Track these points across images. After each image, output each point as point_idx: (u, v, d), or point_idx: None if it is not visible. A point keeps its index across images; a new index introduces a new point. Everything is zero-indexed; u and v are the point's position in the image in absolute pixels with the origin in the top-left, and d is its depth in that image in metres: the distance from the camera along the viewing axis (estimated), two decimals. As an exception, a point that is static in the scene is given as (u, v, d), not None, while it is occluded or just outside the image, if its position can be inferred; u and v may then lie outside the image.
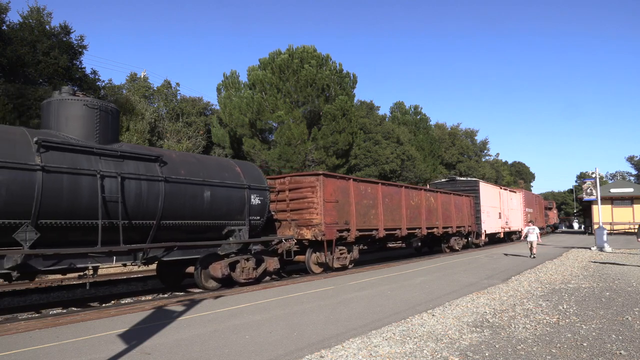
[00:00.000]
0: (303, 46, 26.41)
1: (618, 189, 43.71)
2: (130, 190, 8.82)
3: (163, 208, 9.35)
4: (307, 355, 5.27)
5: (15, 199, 7.23)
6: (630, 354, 5.27)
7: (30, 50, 21.22)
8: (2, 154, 7.16)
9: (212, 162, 11.28)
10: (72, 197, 7.93)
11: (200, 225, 10.30)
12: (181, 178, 9.80)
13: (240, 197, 11.15)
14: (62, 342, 5.92)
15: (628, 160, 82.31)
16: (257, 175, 12.06)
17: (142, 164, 9.22)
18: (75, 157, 8.16)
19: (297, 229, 13.35)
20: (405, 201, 17.70)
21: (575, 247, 25.64)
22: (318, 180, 13.25)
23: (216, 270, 10.55)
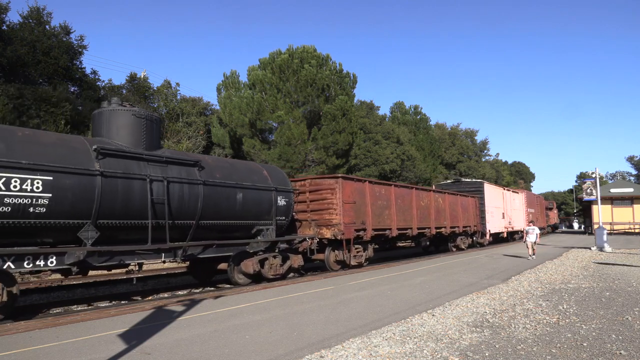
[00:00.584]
0: (303, 46, 26.41)
1: (618, 189, 43.71)
2: (174, 192, 9.66)
3: (202, 209, 10.15)
4: (307, 355, 5.27)
5: (79, 201, 8.04)
6: (630, 354, 5.27)
7: (30, 50, 21.23)
8: (68, 161, 7.99)
9: (242, 166, 12.12)
10: (126, 199, 8.74)
11: (233, 225, 11.09)
12: (217, 181, 10.61)
13: (268, 198, 11.94)
14: (62, 342, 5.92)
15: (628, 160, 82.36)
16: (283, 178, 12.91)
17: (183, 168, 10.06)
18: (127, 163, 8.99)
19: (317, 228, 14.10)
20: (416, 202, 18.61)
21: (575, 247, 25.64)
22: (337, 182, 14.07)
23: (248, 266, 11.35)
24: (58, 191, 7.77)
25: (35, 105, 19.10)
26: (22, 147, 7.61)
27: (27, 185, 7.42)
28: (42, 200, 7.59)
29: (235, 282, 11.59)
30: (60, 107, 19.83)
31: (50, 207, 7.67)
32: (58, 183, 7.78)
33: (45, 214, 7.65)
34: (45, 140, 8.08)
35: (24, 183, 7.38)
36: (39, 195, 7.55)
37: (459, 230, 22.67)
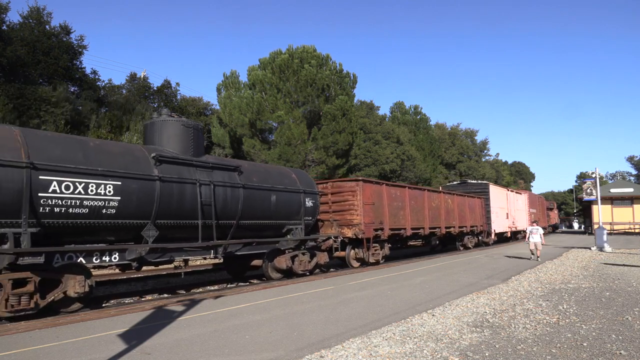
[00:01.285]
0: (303, 46, 26.40)
1: (618, 189, 43.70)
2: (219, 195, 10.55)
3: (241, 210, 11.08)
4: (307, 355, 5.27)
5: (142, 203, 8.98)
6: (630, 354, 5.27)
7: (30, 50, 21.23)
8: (133, 167, 8.93)
9: (274, 170, 13.16)
10: (179, 201, 9.68)
11: (267, 224, 12.03)
12: (255, 185, 11.53)
13: (297, 200, 12.89)
14: (62, 342, 5.92)
15: (628, 160, 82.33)
16: (309, 181, 13.92)
17: (226, 173, 10.97)
18: (180, 168, 9.92)
19: (339, 228, 14.99)
20: (428, 203, 19.60)
21: (575, 247, 25.64)
22: (358, 185, 15.07)
23: (281, 262, 12.27)
24: (125, 195, 8.71)
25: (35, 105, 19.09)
26: (95, 156, 8.55)
27: (101, 190, 8.39)
28: (112, 203, 8.54)
29: (269, 276, 12.45)
30: (60, 107, 19.82)
31: (119, 208, 8.61)
32: (125, 187, 8.73)
33: (115, 214, 8.59)
34: (112, 150, 9.07)
35: (98, 187, 8.34)
36: (110, 198, 8.51)
37: (466, 230, 23.61)
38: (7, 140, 7.50)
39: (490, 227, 27.16)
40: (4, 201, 7.17)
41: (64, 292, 7.90)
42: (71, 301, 8.14)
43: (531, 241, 17.99)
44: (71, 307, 8.19)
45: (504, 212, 30.10)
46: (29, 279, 7.38)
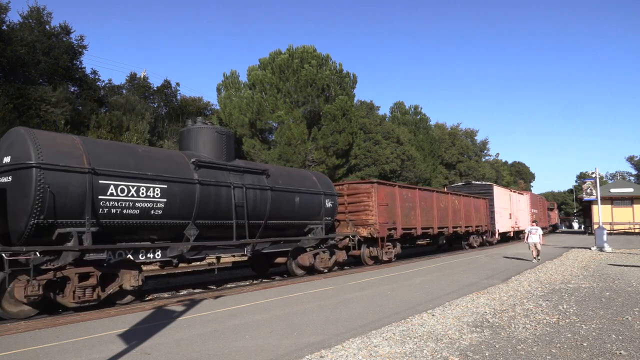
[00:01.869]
0: (303, 46, 26.39)
1: (618, 189, 43.69)
2: (249, 197, 11.30)
3: (269, 211, 11.83)
4: (307, 355, 5.26)
5: (185, 204, 9.74)
6: (630, 354, 5.27)
7: (30, 50, 21.22)
8: (176, 172, 9.68)
9: (297, 173, 14.01)
10: (216, 202, 10.41)
11: (291, 224, 12.80)
12: (281, 187, 12.29)
13: (318, 201, 13.66)
14: (62, 342, 5.92)
15: (628, 160, 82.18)
16: (329, 184, 14.70)
17: (255, 176, 11.72)
18: (216, 172, 10.69)
19: (355, 227, 15.79)
20: (436, 204, 20.50)
21: (575, 247, 25.63)
22: (373, 187, 15.94)
23: (305, 260, 13.06)
24: (170, 197, 9.47)
25: (35, 105, 19.09)
26: (144, 161, 9.30)
27: (150, 192, 9.12)
28: (159, 204, 9.28)
29: (293, 273, 13.25)
30: (60, 107, 19.82)
31: (164, 209, 9.36)
32: (170, 190, 9.48)
33: (161, 215, 9.33)
34: (157, 155, 9.92)
35: (148, 190, 9.07)
36: (158, 200, 9.24)
37: (472, 230, 24.60)
38: (71, 148, 8.27)
39: (494, 227, 28.03)
40: (70, 203, 7.95)
41: (120, 285, 8.66)
42: (125, 294, 8.92)
43: (530, 242, 17.37)
44: (125, 299, 8.94)
45: (507, 212, 30.94)
46: (91, 273, 8.16)
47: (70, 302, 7.88)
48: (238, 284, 12.56)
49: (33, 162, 7.63)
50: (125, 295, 8.93)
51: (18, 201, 7.70)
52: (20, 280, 7.44)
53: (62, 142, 8.37)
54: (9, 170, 7.89)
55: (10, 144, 8.19)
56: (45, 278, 7.60)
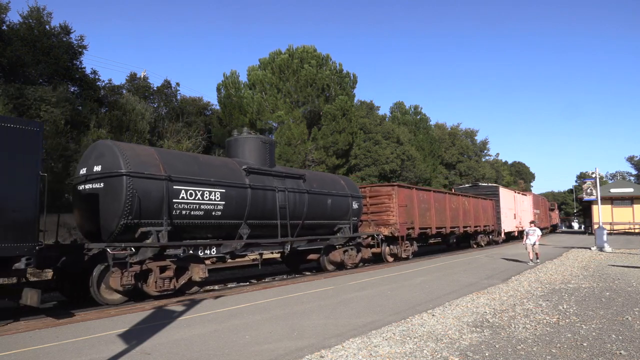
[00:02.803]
0: (303, 46, 26.41)
1: (618, 189, 43.68)
2: (290, 199, 12.48)
3: (306, 212, 13.08)
4: (307, 355, 5.26)
5: (239, 206, 10.97)
6: (630, 354, 5.27)
7: (30, 50, 21.22)
8: (231, 177, 10.94)
9: (327, 177, 15.35)
10: (263, 204, 11.65)
11: (323, 224, 14.05)
12: (316, 190, 13.58)
13: (347, 203, 14.90)
14: (62, 342, 5.92)
15: (628, 160, 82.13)
16: (355, 187, 16.04)
17: (294, 180, 13.00)
18: (262, 177, 11.94)
19: (376, 227, 16.93)
20: (448, 204, 21.85)
21: (575, 247, 25.63)
22: (394, 189, 17.28)
23: (336, 256, 14.43)
24: (228, 199, 10.66)
25: (35, 105, 19.08)
26: (206, 169, 10.53)
27: (212, 196, 10.33)
28: (219, 206, 10.49)
29: (325, 268, 14.56)
30: (60, 107, 19.81)
31: (223, 211, 10.55)
32: (228, 194, 10.69)
33: (220, 216, 10.52)
34: (215, 163, 11.20)
35: (210, 194, 10.30)
36: (218, 202, 10.45)
37: (480, 229, 25.95)
38: (150, 159, 9.53)
39: (500, 227, 29.28)
40: (152, 206, 9.20)
41: (189, 277, 9.82)
42: (192, 285, 10.02)
43: (528, 243, 16.59)
44: (192, 290, 10.09)
45: (511, 212, 32.13)
46: (168, 267, 9.32)
47: (153, 291, 9.09)
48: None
49: (123, 170, 8.86)
50: (192, 286, 10.08)
51: (110, 204, 8.90)
52: (115, 272, 8.48)
53: (143, 153, 9.70)
54: (101, 177, 9.11)
55: (99, 154, 9.42)
56: (134, 270, 8.68)
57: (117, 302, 8.77)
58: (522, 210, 34.91)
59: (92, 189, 9.30)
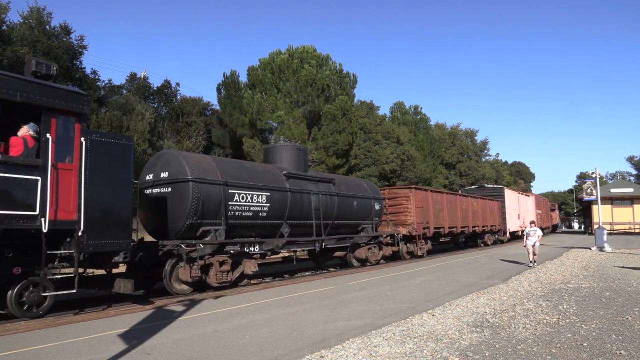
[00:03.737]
0: (303, 46, 26.40)
1: (618, 189, 43.67)
2: (322, 201, 13.73)
3: (336, 213, 14.32)
4: (307, 355, 5.26)
5: (280, 208, 12.17)
6: (630, 354, 5.27)
7: (30, 50, 21.21)
8: (274, 182, 12.17)
9: (352, 181, 16.77)
10: (300, 206, 12.86)
11: (349, 224, 15.26)
12: (344, 193, 14.83)
13: (370, 205, 16.10)
14: (62, 342, 5.92)
15: (628, 160, 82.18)
16: (376, 189, 17.40)
17: (325, 184, 14.23)
18: (299, 182, 13.19)
19: (394, 227, 18.13)
20: (459, 205, 23.24)
21: (575, 247, 25.63)
22: (411, 192, 18.61)
23: (361, 253, 15.64)
24: (272, 202, 11.84)
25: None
26: (253, 174, 11.82)
27: (259, 199, 11.54)
28: (265, 208, 11.68)
29: (351, 264, 15.86)
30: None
31: (268, 212, 11.76)
32: (272, 196, 11.88)
33: (265, 216, 11.73)
34: (259, 169, 12.46)
35: (258, 197, 11.51)
36: (264, 204, 11.65)
37: (487, 229, 27.34)
38: (209, 166, 10.73)
39: (505, 227, 30.65)
40: (212, 208, 10.37)
41: (242, 271, 10.98)
42: (243, 278, 11.19)
43: (528, 244, 15.98)
44: (243, 282, 11.23)
45: (515, 213, 33.45)
46: (226, 261, 10.45)
47: (214, 282, 10.20)
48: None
49: (189, 177, 10.03)
50: (244, 279, 11.26)
51: (177, 206, 10.06)
52: (182, 266, 9.66)
53: (203, 161, 10.93)
54: (169, 183, 10.24)
55: (165, 162, 10.60)
56: (200, 264, 9.82)
57: (184, 291, 9.93)
58: (525, 211, 36.06)
59: (159, 192, 10.45)
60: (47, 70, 7.72)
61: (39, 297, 7.38)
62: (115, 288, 8.39)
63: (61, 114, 7.57)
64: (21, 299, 7.21)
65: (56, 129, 7.50)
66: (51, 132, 7.36)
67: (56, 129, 7.50)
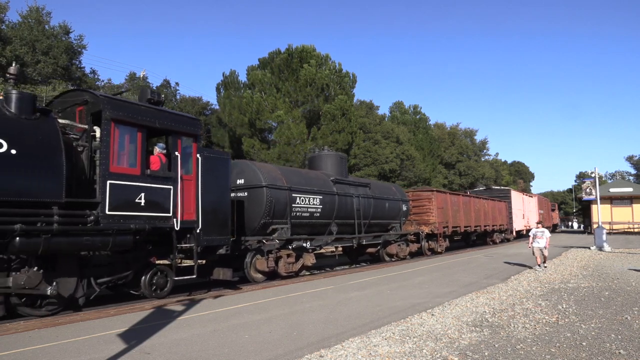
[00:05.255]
0: (302, 46, 26.38)
1: (617, 189, 43.70)
2: (361, 203, 15.60)
3: (372, 213, 16.19)
4: (307, 354, 5.26)
5: (329, 209, 14.05)
6: (629, 353, 5.28)
7: (29, 50, 21.20)
8: (324, 186, 14.08)
9: (382, 185, 18.89)
10: (345, 207, 14.73)
11: (381, 223, 17.15)
12: (378, 195, 16.75)
13: (398, 206, 18.15)
14: (61, 342, 5.91)
15: (627, 160, 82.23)
16: (403, 192, 19.42)
17: (363, 188, 16.16)
18: (344, 186, 15.09)
19: (417, 226, 19.93)
20: (473, 206, 25.36)
21: (575, 246, 25.65)
22: (433, 194, 20.61)
23: (392, 249, 17.70)
24: (324, 204, 13.81)
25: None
26: (308, 180, 13.69)
27: (314, 201, 13.48)
28: (318, 209, 13.63)
29: (383, 259, 17.66)
30: (60, 106, 19.80)
31: (321, 213, 13.70)
32: (324, 199, 13.84)
33: (319, 217, 13.66)
34: (312, 175, 14.29)
35: (313, 200, 13.45)
36: (318, 206, 13.61)
37: (496, 228, 29.47)
38: (276, 174, 12.68)
39: (512, 226, 32.67)
40: (280, 209, 12.24)
41: (302, 263, 13.00)
42: (301, 269, 13.13)
43: (535, 247, 14.46)
44: (302, 273, 13.24)
45: (520, 213, 35.48)
46: (291, 254, 12.48)
47: (283, 272, 12.22)
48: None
49: (264, 183, 11.90)
50: (302, 270, 13.23)
51: (254, 208, 11.94)
52: (259, 258, 11.69)
53: (272, 169, 12.90)
54: (246, 188, 12.15)
55: (240, 170, 12.42)
56: (273, 256, 11.81)
57: (260, 280, 11.84)
58: (529, 211, 38.15)
59: (237, 196, 12.03)
60: (158, 98, 9.50)
61: (164, 281, 9.33)
62: (215, 275, 10.73)
63: (184, 136, 9.49)
64: (151, 281, 9.09)
65: (181, 148, 9.38)
66: (178, 150, 9.30)
67: (181, 147, 9.38)
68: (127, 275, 8.72)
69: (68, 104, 9.01)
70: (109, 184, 7.98)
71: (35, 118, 7.44)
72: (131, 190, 8.33)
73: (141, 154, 8.62)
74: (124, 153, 8.47)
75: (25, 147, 7.09)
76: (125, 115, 8.41)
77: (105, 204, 7.89)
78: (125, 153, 8.49)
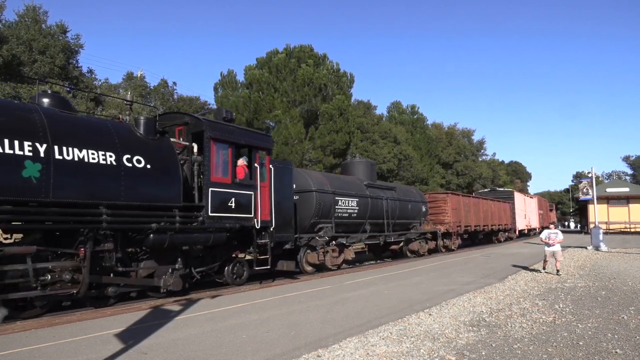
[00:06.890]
0: (300, 45, 26.40)
1: (614, 189, 43.84)
2: (389, 205, 17.37)
3: (397, 214, 17.95)
4: (305, 354, 5.26)
5: (363, 210, 15.79)
6: (626, 352, 5.29)
7: (26, 49, 21.13)
8: (359, 190, 15.92)
9: (404, 188, 20.91)
10: (376, 208, 16.47)
11: (404, 222, 18.80)
12: (402, 198, 18.61)
13: (419, 207, 20.04)
14: (58, 342, 5.89)
15: (624, 160, 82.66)
16: (422, 194, 21.45)
17: (390, 191, 17.97)
18: (374, 190, 16.94)
19: (434, 225, 21.55)
20: (481, 207, 27.28)
21: (572, 246, 25.71)
22: (448, 196, 22.89)
23: (414, 246, 19.46)
24: (359, 205, 15.60)
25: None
26: (345, 184, 15.49)
27: (352, 203, 15.30)
28: (355, 210, 15.42)
29: (405, 255, 19.46)
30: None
31: (357, 213, 15.48)
32: (359, 201, 15.64)
33: (355, 217, 15.44)
34: (348, 180, 16.18)
35: (351, 202, 15.27)
36: (355, 207, 15.42)
37: (501, 228, 31.35)
38: (322, 180, 14.52)
39: (515, 225, 34.41)
40: (326, 210, 14.03)
41: (344, 257, 14.88)
42: (342, 263, 14.94)
43: (548, 250, 13.12)
44: (342, 265, 15.01)
45: (523, 213, 37.26)
46: (335, 249, 14.35)
47: (330, 265, 14.10)
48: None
49: (313, 188, 13.71)
50: (342, 263, 14.95)
51: (305, 210, 13.61)
52: (310, 252, 13.54)
53: (318, 175, 14.94)
54: (297, 192, 13.41)
55: None
56: (322, 250, 13.57)
57: (310, 272, 13.51)
58: (529, 211, 39.99)
59: None
60: (231, 116, 11.20)
61: (242, 271, 11.20)
62: (278, 267, 13.09)
63: (261, 150, 11.27)
64: (232, 271, 10.91)
65: (259, 160, 11.12)
66: (257, 162, 11.06)
67: (259, 160, 11.12)
68: (216, 266, 10.49)
69: (167, 124, 10.53)
70: (210, 190, 9.82)
71: (157, 138, 9.20)
72: (225, 196, 10.16)
73: (231, 165, 10.40)
74: (220, 165, 10.22)
75: (156, 163, 8.87)
76: (220, 135, 10.22)
77: (208, 207, 9.72)
78: (220, 165, 10.24)
